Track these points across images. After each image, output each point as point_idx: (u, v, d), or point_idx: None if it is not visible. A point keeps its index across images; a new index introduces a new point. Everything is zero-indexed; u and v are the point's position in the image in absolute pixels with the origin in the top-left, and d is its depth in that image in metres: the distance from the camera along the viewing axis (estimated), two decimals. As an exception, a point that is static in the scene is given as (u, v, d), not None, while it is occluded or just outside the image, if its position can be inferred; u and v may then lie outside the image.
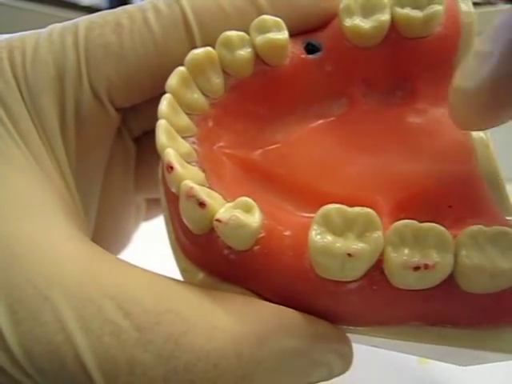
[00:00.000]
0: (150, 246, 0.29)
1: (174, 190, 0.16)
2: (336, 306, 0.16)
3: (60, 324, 0.14)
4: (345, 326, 0.17)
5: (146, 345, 0.14)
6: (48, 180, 0.18)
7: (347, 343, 0.17)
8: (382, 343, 0.19)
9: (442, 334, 0.16)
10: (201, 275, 0.18)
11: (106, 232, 0.24)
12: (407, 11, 0.19)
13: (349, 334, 0.17)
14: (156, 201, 0.27)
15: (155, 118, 0.17)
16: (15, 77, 0.18)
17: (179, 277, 0.18)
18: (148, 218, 0.28)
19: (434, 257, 0.14)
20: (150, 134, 0.23)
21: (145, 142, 0.25)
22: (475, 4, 0.19)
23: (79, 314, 0.14)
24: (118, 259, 0.17)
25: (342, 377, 0.18)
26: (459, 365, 0.19)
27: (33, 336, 0.14)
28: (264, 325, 0.15)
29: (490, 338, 0.16)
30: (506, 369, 0.18)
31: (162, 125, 0.17)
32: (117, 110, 0.20)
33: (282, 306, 0.16)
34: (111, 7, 0.20)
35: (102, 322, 0.14)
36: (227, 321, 0.15)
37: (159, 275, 0.16)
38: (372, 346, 0.19)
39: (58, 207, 0.17)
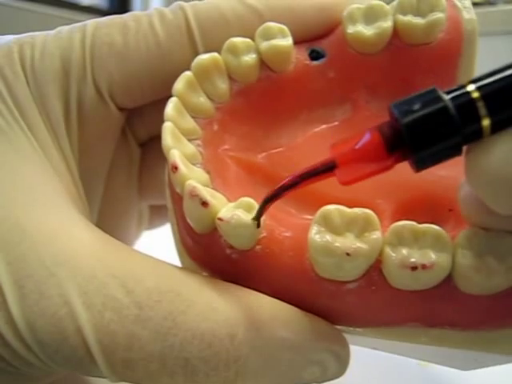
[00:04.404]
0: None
1: (178, 190, 0.17)
2: (335, 306, 0.16)
3: (64, 298, 0.15)
4: (344, 327, 0.17)
5: (146, 321, 0.15)
6: (55, 171, 0.19)
7: (344, 346, 0.17)
8: (381, 345, 0.19)
9: (440, 335, 0.16)
10: (204, 275, 0.18)
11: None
12: (409, 18, 0.19)
13: (349, 336, 0.17)
14: (159, 209, 0.28)
15: (161, 124, 0.18)
16: (23, 68, 0.19)
17: None
18: (150, 227, 0.29)
19: (431, 257, 0.15)
20: (156, 139, 0.23)
21: (150, 148, 0.25)
22: (475, 4, 0.20)
23: (83, 289, 0.15)
24: (124, 244, 0.17)
25: (341, 377, 0.18)
26: (460, 369, 0.19)
27: (37, 309, 0.15)
28: (261, 313, 0.16)
29: (488, 340, 0.16)
30: (505, 369, 0.18)
31: (167, 127, 0.17)
32: (120, 109, 0.21)
33: (281, 301, 0.16)
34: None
35: (104, 298, 0.15)
36: (225, 304, 0.16)
37: (163, 261, 0.17)
38: (372, 348, 0.19)
39: (64, 196, 0.18)
